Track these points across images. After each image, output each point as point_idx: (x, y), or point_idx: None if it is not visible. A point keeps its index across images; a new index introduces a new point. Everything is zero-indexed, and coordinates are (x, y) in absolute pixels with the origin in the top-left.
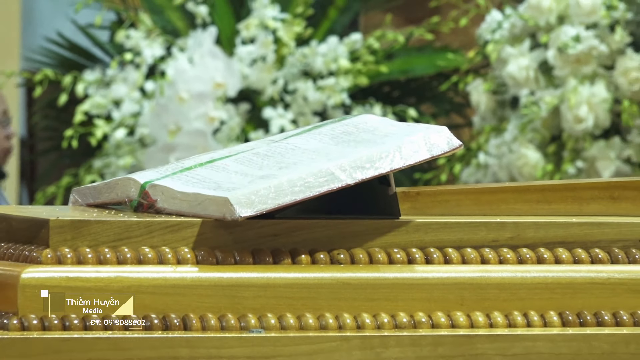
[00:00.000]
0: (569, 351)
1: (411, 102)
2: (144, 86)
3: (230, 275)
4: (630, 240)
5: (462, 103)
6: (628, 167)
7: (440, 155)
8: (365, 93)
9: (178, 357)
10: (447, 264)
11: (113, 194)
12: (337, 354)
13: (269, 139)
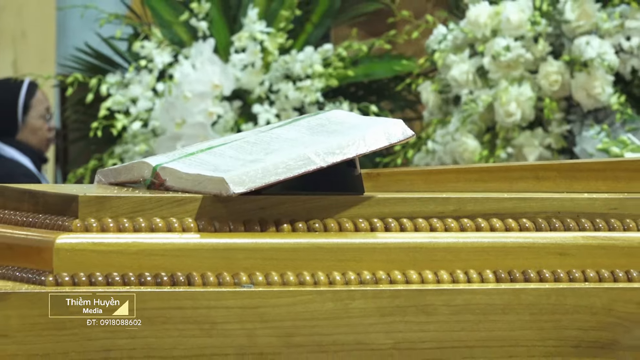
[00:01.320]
0: (501, 302)
1: (373, 100)
2: (155, 87)
3: (225, 241)
4: (551, 212)
5: (414, 100)
6: (549, 152)
7: (396, 143)
8: (335, 92)
9: (183, 307)
10: (402, 232)
11: (130, 175)
12: (312, 305)
13: (257, 130)
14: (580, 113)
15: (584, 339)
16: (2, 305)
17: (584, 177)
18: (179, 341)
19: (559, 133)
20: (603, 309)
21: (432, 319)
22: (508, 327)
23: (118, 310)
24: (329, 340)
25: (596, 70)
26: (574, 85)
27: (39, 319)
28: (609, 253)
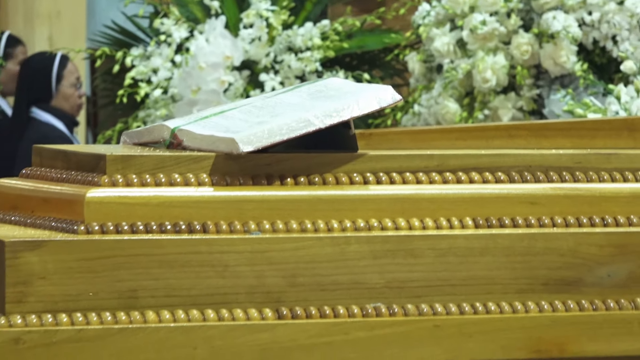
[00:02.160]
0: (479, 245)
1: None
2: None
3: (236, 193)
4: (523, 166)
5: (402, 69)
6: (521, 114)
7: (386, 107)
8: (332, 63)
9: (199, 252)
10: (392, 184)
11: (152, 136)
12: (313, 250)
13: (263, 96)
14: (548, 79)
15: (552, 278)
16: (40, 252)
17: (551, 135)
18: (196, 282)
19: (529, 97)
20: (569, 251)
21: (419, 261)
22: (486, 268)
23: (142, 255)
24: (328, 281)
25: (562, 41)
26: (543, 55)
27: (72, 264)
28: (574, 202)
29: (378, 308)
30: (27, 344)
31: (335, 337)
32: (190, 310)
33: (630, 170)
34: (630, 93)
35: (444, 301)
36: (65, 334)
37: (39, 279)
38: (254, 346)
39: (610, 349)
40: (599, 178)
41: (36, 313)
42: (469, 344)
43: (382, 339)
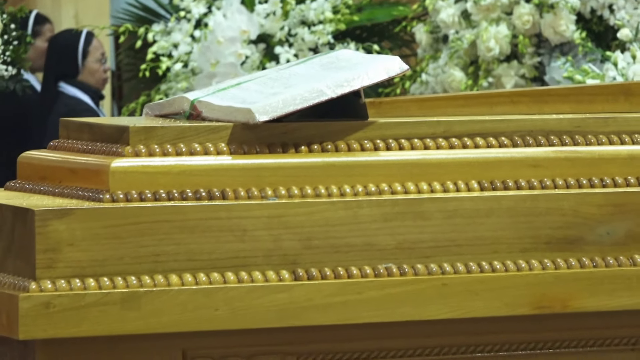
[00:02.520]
0: (484, 207)
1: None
2: (193, 34)
3: (253, 161)
4: (525, 131)
5: (410, 40)
6: (523, 81)
7: (395, 76)
8: (343, 35)
9: (219, 218)
10: (401, 150)
11: (172, 108)
12: (327, 213)
13: (278, 68)
14: (548, 47)
15: (554, 237)
16: (68, 220)
17: (552, 101)
18: (216, 247)
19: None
20: (570, 211)
21: (427, 223)
22: (491, 228)
23: (165, 221)
24: (342, 243)
25: (561, 11)
26: (543, 24)
27: (99, 230)
28: (575, 164)
29: (389, 268)
30: (57, 307)
31: (349, 296)
32: (211, 273)
33: (627, 133)
34: (627, 59)
35: (451, 261)
36: (93, 298)
37: (67, 246)
38: (272, 306)
39: (611, 303)
40: (597, 141)
41: (65, 278)
42: (475, 302)
43: (393, 297)
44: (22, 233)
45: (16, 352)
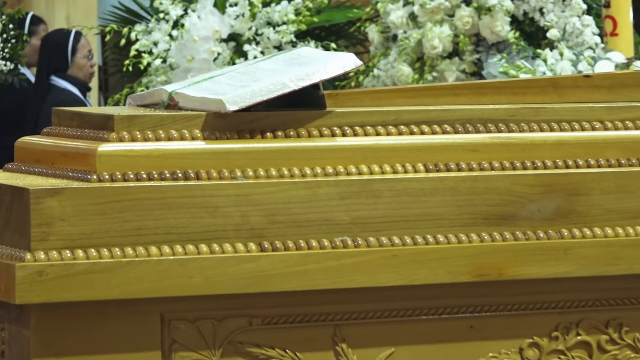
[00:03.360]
0: (430, 187)
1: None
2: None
3: (224, 146)
4: (465, 119)
5: (363, 39)
6: (463, 75)
7: (350, 71)
8: (305, 34)
9: (193, 196)
10: (355, 136)
11: (152, 99)
12: (290, 192)
13: (246, 63)
14: (486, 45)
15: (491, 213)
16: (59, 198)
17: (489, 93)
18: (191, 222)
19: (470, 61)
20: (505, 190)
21: (379, 201)
22: (435, 206)
23: (146, 199)
24: (303, 218)
25: (497, 13)
26: (481, 25)
27: (87, 207)
28: (509, 149)
29: (345, 241)
30: (49, 275)
31: (309, 266)
32: (187, 245)
33: (556, 122)
34: (555, 56)
35: (400, 234)
36: (82, 267)
37: (58, 221)
38: (241, 275)
39: (541, 272)
40: (529, 128)
41: (57, 249)
42: (421, 270)
43: (348, 267)
44: (18, 209)
45: (13, 315)
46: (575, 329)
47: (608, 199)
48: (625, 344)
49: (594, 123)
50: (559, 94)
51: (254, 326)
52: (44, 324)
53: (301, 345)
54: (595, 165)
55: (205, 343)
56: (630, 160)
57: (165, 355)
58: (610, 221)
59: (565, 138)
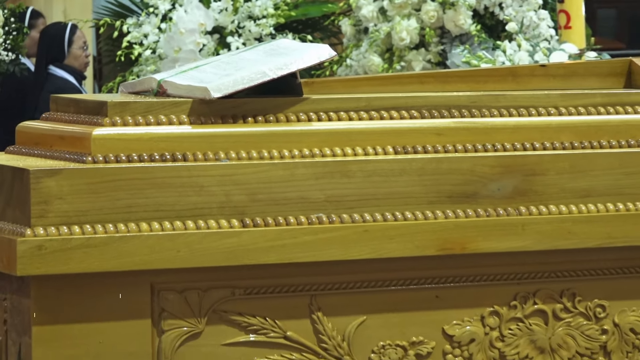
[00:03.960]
0: (398, 167)
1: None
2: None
3: (208, 130)
4: (431, 105)
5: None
6: (429, 65)
7: (325, 61)
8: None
9: (181, 176)
10: (329, 121)
11: (143, 86)
12: (269, 173)
13: (229, 54)
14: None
15: (455, 192)
16: (57, 177)
17: (453, 81)
18: (178, 200)
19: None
20: (468, 171)
21: (351, 180)
22: (403, 185)
23: (136, 179)
24: (281, 197)
25: (460, 8)
26: (446, 19)
27: (82, 186)
28: (471, 132)
29: (320, 217)
30: (48, 249)
31: (287, 240)
32: (174, 222)
33: (514, 108)
34: (514, 47)
35: (371, 211)
36: (77, 242)
37: (56, 199)
38: (225, 249)
39: (500, 246)
40: (490, 114)
41: (54, 225)
42: (391, 245)
43: (323, 241)
44: (19, 188)
45: (15, 286)
46: (532, 298)
47: (562, 178)
48: (578, 312)
49: (549, 109)
50: (517, 82)
51: (237, 296)
52: (43, 294)
53: (280, 313)
54: (550, 147)
55: (192, 312)
56: (583, 143)
57: (155, 323)
58: (564, 199)
59: (523, 123)
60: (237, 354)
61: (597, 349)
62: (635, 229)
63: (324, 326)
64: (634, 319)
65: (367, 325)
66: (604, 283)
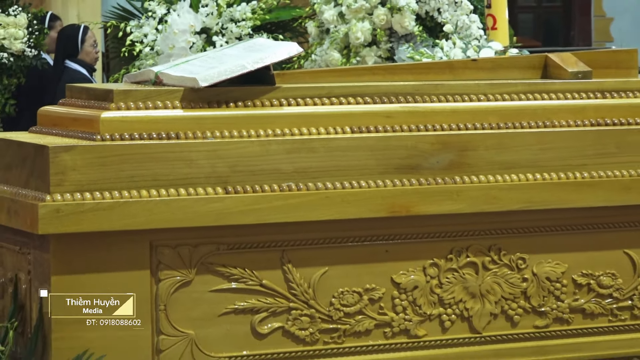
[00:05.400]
0: (355, 144)
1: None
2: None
3: (197, 113)
4: (382, 92)
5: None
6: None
7: (294, 56)
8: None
9: (174, 151)
10: (298, 106)
11: (142, 77)
12: (247, 148)
13: (215, 50)
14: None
15: (401, 164)
16: (72, 153)
17: (400, 73)
18: (172, 171)
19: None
20: (412, 147)
21: (315, 155)
22: (359, 159)
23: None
24: (257, 169)
25: (405, 12)
26: (393, 21)
27: (92, 160)
28: (415, 115)
29: (290, 186)
30: (64, 212)
31: (262, 205)
32: (169, 189)
33: (450, 95)
34: (449, 45)
35: (332, 180)
36: (89, 206)
37: (71, 170)
38: (210, 212)
39: (439, 209)
40: (430, 100)
41: (69, 192)
42: (348, 208)
43: (292, 205)
44: (40, 162)
45: (37, 243)
46: (465, 252)
47: (489, 153)
48: (503, 263)
49: (479, 95)
50: (453, 73)
51: (221, 251)
52: (60, 249)
53: (257, 265)
54: (480, 127)
55: (184, 264)
56: (507, 124)
57: (153, 273)
58: (491, 170)
59: (457, 107)
60: (221, 299)
61: (519, 294)
62: (550, 195)
63: (293, 275)
64: (549, 269)
65: (328, 275)
66: (525, 239)
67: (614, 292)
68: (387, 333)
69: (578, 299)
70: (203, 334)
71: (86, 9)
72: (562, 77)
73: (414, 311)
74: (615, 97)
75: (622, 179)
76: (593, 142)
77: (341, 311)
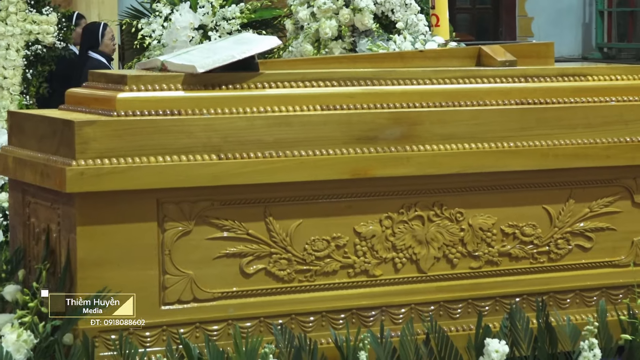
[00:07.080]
0: (324, 120)
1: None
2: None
3: (196, 94)
4: (346, 77)
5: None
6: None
7: (275, 47)
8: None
9: (176, 125)
10: (277, 88)
11: (151, 65)
12: (237, 123)
13: (210, 43)
14: (358, 32)
15: (362, 136)
16: (93, 126)
17: (361, 62)
18: (175, 141)
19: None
20: (371, 122)
21: (292, 129)
22: (328, 131)
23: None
24: (245, 139)
25: (365, 12)
26: (355, 20)
27: (110, 132)
28: (374, 96)
29: (271, 153)
30: (87, 175)
31: (249, 168)
32: (172, 156)
33: (402, 79)
34: (401, 39)
35: (305, 149)
36: (107, 170)
37: (92, 141)
38: (207, 174)
39: (393, 172)
40: (385, 83)
41: (92, 158)
42: (319, 171)
43: (273, 169)
44: (68, 134)
45: (65, 200)
46: (414, 207)
47: (434, 127)
48: (444, 216)
49: (425, 80)
50: (404, 62)
51: (215, 206)
52: (84, 205)
53: (244, 217)
54: (426, 106)
55: (185, 216)
56: (448, 103)
57: (160, 225)
58: (435, 141)
59: (408, 90)
60: (215, 245)
61: (457, 241)
62: (483, 161)
63: (274, 226)
64: (481, 221)
65: (302, 226)
66: (462, 197)
67: (534, 239)
68: (350, 273)
69: (505, 245)
70: (200, 273)
71: (105, 9)
72: (492, 65)
73: (372, 255)
74: (536, 81)
75: (540, 148)
76: (517, 118)
77: (313, 255)
